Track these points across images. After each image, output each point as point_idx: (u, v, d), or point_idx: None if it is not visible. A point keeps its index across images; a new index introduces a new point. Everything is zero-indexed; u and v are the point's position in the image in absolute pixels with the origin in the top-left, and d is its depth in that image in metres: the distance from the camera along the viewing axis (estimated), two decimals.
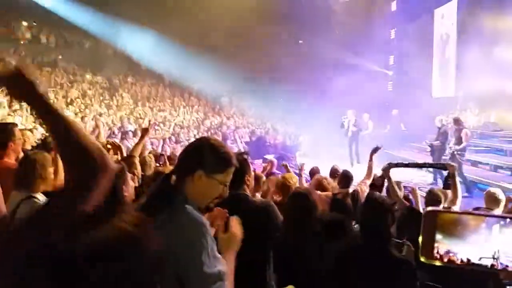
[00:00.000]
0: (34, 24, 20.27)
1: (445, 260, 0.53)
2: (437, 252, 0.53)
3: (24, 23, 20.00)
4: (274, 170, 7.46)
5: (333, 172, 5.98)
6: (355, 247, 2.16)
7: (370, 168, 5.22)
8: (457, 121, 9.19)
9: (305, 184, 5.56)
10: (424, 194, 8.20)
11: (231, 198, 2.55)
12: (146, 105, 18.91)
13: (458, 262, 0.53)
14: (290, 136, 17.01)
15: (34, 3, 17.67)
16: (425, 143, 10.29)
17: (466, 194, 8.53)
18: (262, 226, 2.43)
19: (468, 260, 0.52)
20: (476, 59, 13.23)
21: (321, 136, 15.97)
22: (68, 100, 16.75)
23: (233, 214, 2.04)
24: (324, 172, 6.42)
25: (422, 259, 0.54)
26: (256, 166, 11.40)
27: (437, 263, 0.54)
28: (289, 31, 18.50)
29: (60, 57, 20.11)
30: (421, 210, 4.56)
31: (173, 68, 19.25)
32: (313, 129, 16.45)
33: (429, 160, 10.47)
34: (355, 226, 2.94)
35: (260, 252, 2.40)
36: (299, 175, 5.47)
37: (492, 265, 0.52)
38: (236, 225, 1.80)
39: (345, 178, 5.16)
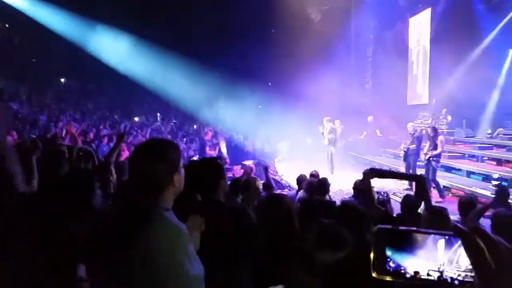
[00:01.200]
0: (7, 26, 19.79)
1: (395, 275, 0.54)
2: (388, 267, 0.53)
3: None
4: (253, 175, 7.44)
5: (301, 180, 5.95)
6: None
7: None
8: (434, 129, 9.43)
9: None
10: (399, 200, 8.36)
11: (205, 202, 2.53)
12: (122, 110, 18.67)
13: (408, 276, 0.53)
14: (269, 143, 17.06)
15: (6, 4, 17.22)
16: (403, 146, 10.47)
17: (439, 200, 8.73)
18: (235, 230, 2.41)
19: (416, 273, 0.53)
20: (449, 67, 13.62)
21: (299, 143, 16.09)
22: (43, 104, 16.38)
23: (207, 218, 2.02)
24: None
25: (374, 275, 0.54)
26: (235, 172, 11.38)
27: (388, 278, 0.55)
28: (267, 37, 18.59)
29: (33, 60, 19.67)
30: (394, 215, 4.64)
31: (150, 72, 19.04)
32: (291, 136, 16.56)
33: (403, 166, 10.69)
34: None
35: (233, 255, 2.38)
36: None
37: (439, 278, 0.52)
38: (193, 225, 1.80)
39: (322, 186, 5.18)
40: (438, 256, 0.56)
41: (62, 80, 20.22)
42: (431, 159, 9.05)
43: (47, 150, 4.22)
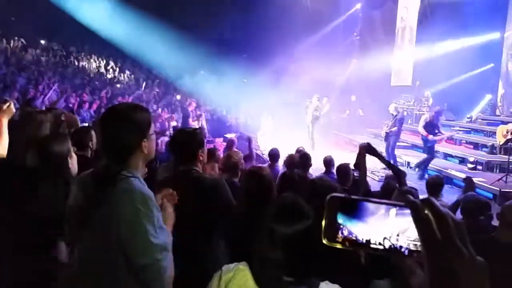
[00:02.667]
0: None
1: (346, 243, 0.56)
2: (340, 235, 0.55)
3: None
4: (234, 148, 7.46)
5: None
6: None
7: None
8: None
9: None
10: (376, 178, 8.51)
11: (183, 173, 2.54)
12: (104, 76, 18.28)
13: (359, 243, 0.55)
14: (252, 116, 17.01)
15: None
16: (385, 128, 10.54)
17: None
18: (211, 202, 2.43)
19: (368, 241, 0.55)
20: (434, 50, 13.69)
21: (281, 118, 16.10)
22: (21, 66, 15.91)
23: (184, 189, 2.03)
24: (285, 155, 6.46)
25: (325, 242, 0.56)
26: (217, 144, 11.36)
27: (338, 245, 0.57)
28: (254, 10, 18.27)
29: (12, 18, 18.92)
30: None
31: (132, 38, 18.55)
32: (274, 110, 16.54)
33: (383, 146, 10.84)
34: None
35: (209, 228, 2.41)
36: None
37: (390, 247, 0.55)
38: (168, 200, 1.80)
39: (303, 161, 5.23)
40: (389, 226, 0.58)
41: (42, 42, 19.55)
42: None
43: (24, 112, 4.13)
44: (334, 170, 5.26)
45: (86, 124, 7.33)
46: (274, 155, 6.37)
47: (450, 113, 14.16)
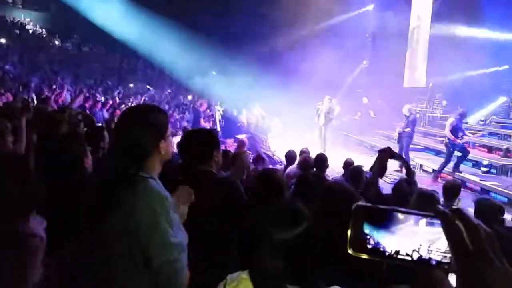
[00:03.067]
0: None
1: (373, 253, 0.54)
2: (366, 245, 0.54)
3: None
4: (245, 149, 7.46)
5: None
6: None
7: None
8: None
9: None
10: (389, 180, 8.45)
11: (197, 173, 2.54)
12: (115, 76, 18.44)
13: (386, 255, 0.54)
14: (263, 118, 17.01)
15: None
16: (398, 129, 10.45)
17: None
18: (225, 202, 2.42)
19: (397, 252, 0.53)
20: (448, 52, 13.53)
21: (292, 119, 16.06)
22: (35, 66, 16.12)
23: (199, 189, 2.02)
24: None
25: (350, 252, 0.54)
26: (227, 145, 11.38)
27: (365, 256, 0.55)
28: (267, 11, 18.27)
29: (28, 19, 19.22)
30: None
31: (145, 39, 18.70)
32: (286, 112, 16.51)
33: (396, 147, 10.73)
34: None
35: (222, 227, 2.40)
36: None
37: (418, 258, 0.53)
38: (181, 196, 1.79)
39: (320, 162, 5.20)
40: (418, 237, 0.57)
41: (56, 42, 19.80)
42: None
43: (39, 112, 4.18)
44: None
45: (99, 124, 7.39)
46: (290, 157, 6.33)
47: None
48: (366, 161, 10.84)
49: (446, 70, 13.55)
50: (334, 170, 8.75)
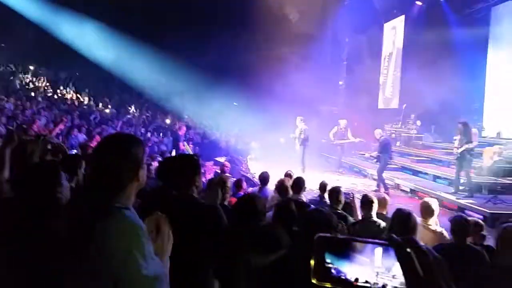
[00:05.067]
0: None
1: (335, 281, 0.56)
2: (328, 274, 0.56)
3: None
4: (227, 173, 7.48)
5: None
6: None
7: None
8: (465, 124, 9.09)
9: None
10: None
11: (178, 198, 2.52)
12: (92, 101, 18.27)
13: (347, 282, 0.56)
14: (242, 140, 17.06)
15: None
16: (367, 154, 10.70)
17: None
18: (206, 228, 2.41)
19: (356, 280, 0.55)
20: (420, 73, 13.98)
21: (271, 142, 16.16)
22: (9, 91, 15.85)
23: (179, 215, 2.02)
24: (274, 178, 6.45)
25: (314, 281, 0.56)
26: (207, 168, 11.33)
27: (328, 284, 0.57)
28: (244, 35, 18.55)
29: (2, 44, 18.96)
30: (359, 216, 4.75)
31: (121, 63, 18.67)
32: (264, 134, 16.62)
33: (373, 168, 10.89)
34: None
35: (202, 253, 2.38)
36: None
37: (375, 285, 0.56)
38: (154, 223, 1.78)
39: (297, 185, 5.18)
40: (375, 264, 0.59)
41: (31, 67, 19.58)
42: (466, 152, 8.76)
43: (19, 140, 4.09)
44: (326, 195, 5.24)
45: (75, 151, 7.28)
46: (264, 178, 6.35)
47: (437, 135, 14.34)
48: (345, 182, 10.98)
49: (419, 91, 13.95)
50: (314, 191, 8.80)
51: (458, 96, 13.36)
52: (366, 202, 4.45)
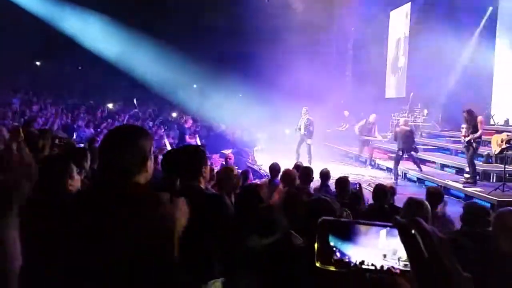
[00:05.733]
0: None
1: (340, 265, 0.56)
2: (333, 258, 0.56)
3: None
4: (232, 164, 7.47)
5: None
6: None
7: None
8: (469, 112, 8.90)
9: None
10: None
11: (185, 188, 2.53)
12: (99, 95, 18.34)
13: (352, 265, 0.56)
14: (248, 132, 17.06)
15: None
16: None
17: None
18: (212, 218, 2.42)
19: (360, 262, 0.56)
20: (426, 62, 13.84)
21: (278, 133, 16.16)
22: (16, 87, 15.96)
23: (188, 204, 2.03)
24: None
25: (318, 265, 0.56)
26: (214, 160, 11.37)
27: (332, 268, 0.57)
28: (248, 26, 18.46)
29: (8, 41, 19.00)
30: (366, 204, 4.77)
31: (127, 56, 18.71)
32: (270, 126, 16.62)
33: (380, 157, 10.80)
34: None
35: (207, 242, 2.40)
36: None
37: (382, 267, 0.56)
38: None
39: (304, 176, 5.18)
40: (380, 247, 0.59)
41: (38, 63, 19.68)
42: (472, 141, 8.66)
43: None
44: (331, 183, 5.23)
45: (82, 145, 7.33)
46: (273, 169, 6.34)
47: (445, 123, 14.23)
48: (350, 171, 10.96)
49: (426, 79, 13.84)
50: (319, 181, 8.81)
51: (465, 84, 13.22)
52: (380, 191, 4.47)
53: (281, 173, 5.41)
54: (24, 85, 17.47)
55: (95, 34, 18.09)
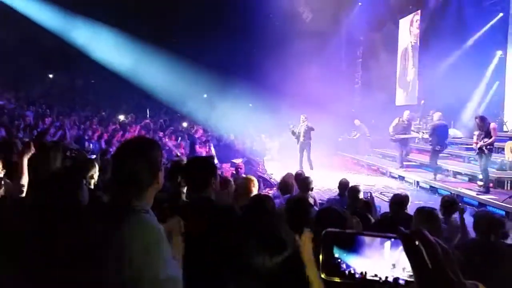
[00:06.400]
0: None
1: (344, 276, 0.56)
2: (338, 269, 0.56)
3: None
4: (242, 174, 7.48)
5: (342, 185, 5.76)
6: None
7: None
8: (482, 118, 8.72)
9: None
10: (386, 199, 8.45)
11: (195, 200, 2.54)
12: (111, 107, 18.55)
13: (356, 276, 0.56)
14: (258, 141, 17.08)
15: None
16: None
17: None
18: (224, 228, 2.41)
19: (365, 273, 0.55)
20: (437, 68, 13.76)
21: (287, 142, 16.13)
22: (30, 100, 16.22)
23: (196, 216, 2.03)
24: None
25: (323, 276, 0.56)
26: (224, 169, 11.38)
27: (337, 279, 0.57)
28: (258, 35, 18.55)
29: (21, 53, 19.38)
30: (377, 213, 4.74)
31: (136, 69, 19.00)
32: (279, 135, 16.62)
33: (390, 165, 10.72)
34: None
35: (220, 255, 2.39)
36: None
37: (386, 278, 0.55)
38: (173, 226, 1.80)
39: (303, 184, 5.09)
40: (385, 258, 0.59)
41: (51, 76, 20.01)
42: (483, 148, 8.46)
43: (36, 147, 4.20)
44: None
45: (94, 156, 7.40)
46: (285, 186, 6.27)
47: (457, 130, 14.08)
48: (362, 180, 10.89)
49: (437, 86, 13.73)
50: (332, 190, 8.77)
51: (478, 90, 13.11)
52: (397, 201, 4.44)
53: (278, 182, 5.37)
54: (37, 97, 17.75)
55: (106, 47, 18.38)
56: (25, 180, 2.98)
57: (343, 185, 5.70)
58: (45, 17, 17.76)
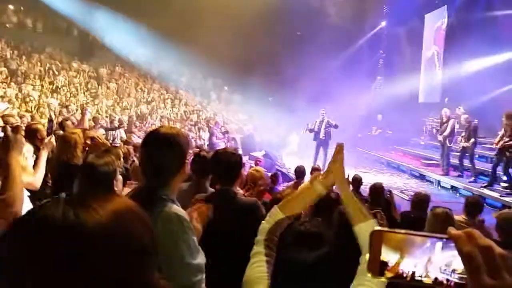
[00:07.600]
0: (22, 9, 19.88)
1: (391, 276, 0.55)
2: (385, 269, 0.55)
3: (11, 7, 19.62)
4: (261, 167, 7.47)
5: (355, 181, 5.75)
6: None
7: None
8: (509, 116, 8.26)
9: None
10: (406, 197, 8.35)
11: (220, 194, 2.55)
12: (132, 96, 18.74)
13: (404, 277, 0.55)
14: (278, 135, 17.04)
15: None
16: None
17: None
18: (247, 224, 2.41)
19: (413, 274, 0.54)
20: (463, 65, 13.43)
21: (307, 137, 16.05)
22: (54, 88, 16.51)
23: (221, 208, 2.05)
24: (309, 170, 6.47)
25: (369, 275, 0.56)
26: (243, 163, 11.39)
27: (383, 279, 0.56)
28: (281, 30, 18.41)
29: (47, 43, 19.77)
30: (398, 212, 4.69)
31: (161, 61, 19.24)
32: (299, 129, 16.54)
33: (410, 163, 10.54)
34: None
35: (244, 249, 2.39)
36: None
37: (435, 280, 0.54)
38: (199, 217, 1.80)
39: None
40: (435, 258, 0.58)
41: (75, 64, 20.30)
42: (504, 148, 8.13)
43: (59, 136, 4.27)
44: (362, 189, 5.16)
45: (118, 144, 7.52)
46: (300, 171, 6.33)
47: (482, 130, 13.73)
48: (381, 178, 10.76)
49: (462, 84, 13.41)
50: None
51: (505, 88, 12.74)
52: (420, 201, 4.40)
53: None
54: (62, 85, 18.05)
55: (127, 38, 18.70)
56: (40, 175, 3.01)
57: (355, 180, 5.67)
58: (70, 6, 18.11)
